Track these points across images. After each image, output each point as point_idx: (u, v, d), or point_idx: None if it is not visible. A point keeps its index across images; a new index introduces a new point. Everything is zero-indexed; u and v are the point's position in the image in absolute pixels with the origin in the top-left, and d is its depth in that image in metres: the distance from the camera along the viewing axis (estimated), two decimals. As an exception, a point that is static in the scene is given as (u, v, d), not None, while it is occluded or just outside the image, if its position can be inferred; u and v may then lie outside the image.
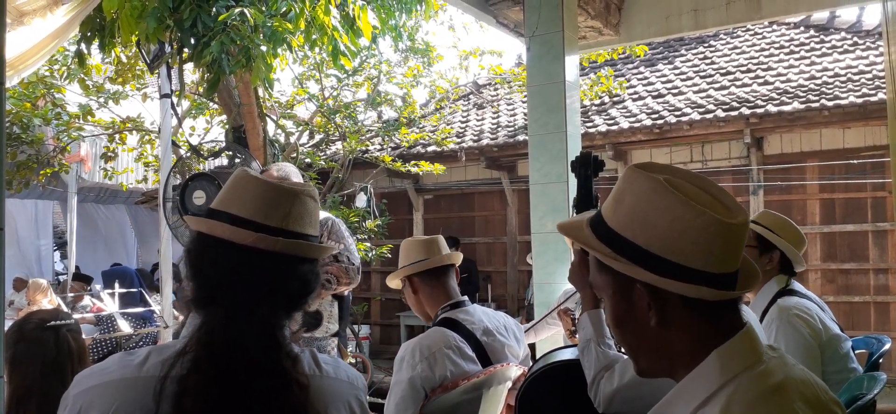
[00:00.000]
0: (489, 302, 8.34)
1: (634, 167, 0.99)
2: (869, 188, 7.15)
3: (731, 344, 0.93)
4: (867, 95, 6.66)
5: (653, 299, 0.95)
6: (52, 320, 1.98)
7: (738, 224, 0.94)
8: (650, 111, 8.08)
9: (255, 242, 1.12)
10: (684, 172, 0.99)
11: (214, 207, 1.18)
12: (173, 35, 4.06)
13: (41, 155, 7.62)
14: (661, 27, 5.14)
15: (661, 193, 0.94)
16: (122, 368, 1.08)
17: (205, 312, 1.11)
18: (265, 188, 1.17)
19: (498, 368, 2.17)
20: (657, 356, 0.99)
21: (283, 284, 1.14)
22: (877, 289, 7.18)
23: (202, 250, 1.15)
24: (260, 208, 1.14)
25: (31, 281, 6.83)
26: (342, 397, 1.20)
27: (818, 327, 2.30)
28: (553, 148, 4.48)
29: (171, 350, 1.09)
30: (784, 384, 0.91)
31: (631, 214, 0.97)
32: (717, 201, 0.95)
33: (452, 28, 13.14)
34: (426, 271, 2.27)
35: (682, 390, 0.95)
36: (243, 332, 1.08)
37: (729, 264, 0.95)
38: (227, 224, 1.13)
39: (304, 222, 1.18)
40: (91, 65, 6.24)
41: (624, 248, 0.96)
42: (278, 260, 1.14)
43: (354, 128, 8.80)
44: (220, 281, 1.12)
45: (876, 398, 2.00)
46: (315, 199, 1.22)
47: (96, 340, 5.97)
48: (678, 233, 0.92)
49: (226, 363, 1.06)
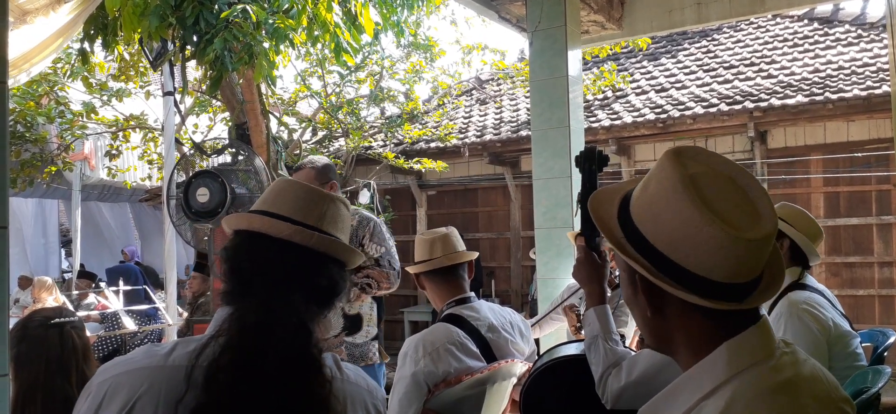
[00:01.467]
0: (493, 297, 8.35)
1: (670, 152, 0.96)
2: (873, 181, 7.12)
3: (743, 337, 0.91)
4: (871, 88, 6.63)
5: (647, 291, 0.95)
6: (55, 318, 1.99)
7: (758, 238, 0.89)
8: (653, 105, 8.06)
9: (291, 235, 1.17)
10: (727, 166, 0.95)
11: (255, 208, 1.25)
12: (176, 32, 4.07)
13: (45, 153, 7.64)
14: (663, 21, 5.12)
15: (679, 191, 0.91)
16: (149, 358, 1.10)
17: (237, 304, 1.14)
18: (305, 191, 1.25)
19: (502, 365, 2.17)
20: (660, 340, 1.00)
21: (314, 279, 1.18)
22: (881, 282, 7.16)
23: (239, 245, 1.20)
24: (298, 207, 1.21)
25: (36, 279, 6.86)
26: (361, 401, 1.22)
27: (828, 324, 2.28)
28: (556, 143, 4.47)
29: (199, 342, 1.11)
30: (792, 381, 0.89)
31: (648, 204, 0.95)
32: (748, 206, 0.92)
33: (454, 23, 13.15)
34: (432, 269, 2.27)
35: (688, 379, 0.94)
36: (276, 319, 1.11)
37: (740, 275, 0.91)
38: (265, 217, 1.19)
39: (337, 226, 1.25)
40: (94, 63, 6.26)
41: (633, 235, 0.96)
42: (311, 256, 1.18)
43: (357, 124, 8.80)
44: (254, 273, 1.16)
45: (880, 392, 1.99)
46: (348, 208, 1.30)
47: (101, 337, 5.99)
48: (685, 237, 0.90)
49: (259, 347, 1.08)
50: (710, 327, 0.93)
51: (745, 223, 0.90)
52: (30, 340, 1.93)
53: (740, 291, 0.92)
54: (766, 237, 0.91)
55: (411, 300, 9.57)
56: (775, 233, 0.94)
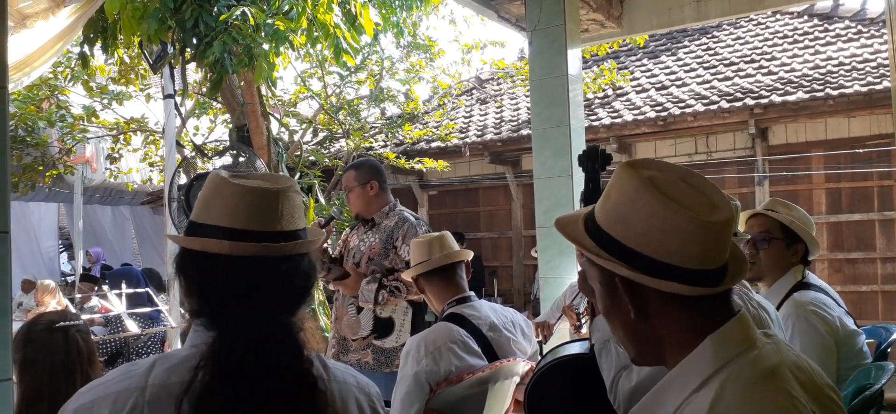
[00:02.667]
0: (495, 297, 8.35)
1: (624, 164, 1.03)
2: (875, 177, 7.12)
3: (724, 330, 0.96)
4: (872, 84, 6.63)
5: (630, 292, 0.99)
6: (60, 322, 1.99)
7: (719, 222, 0.96)
8: (654, 103, 8.06)
9: (259, 253, 1.09)
10: (676, 169, 1.02)
11: (201, 222, 1.12)
12: (175, 35, 4.07)
13: (46, 157, 7.65)
14: (663, 19, 5.11)
15: (641, 191, 0.97)
16: (128, 378, 1.05)
17: (217, 325, 1.08)
18: (253, 193, 1.11)
19: (503, 363, 2.17)
20: (645, 344, 1.02)
21: (290, 283, 1.13)
22: (884, 278, 7.16)
23: (201, 268, 1.10)
24: (254, 216, 1.10)
25: (39, 283, 6.86)
26: (353, 398, 1.19)
27: (835, 325, 2.26)
28: (556, 142, 4.47)
29: (178, 359, 1.06)
30: (778, 368, 0.93)
31: (614, 210, 1.01)
32: (703, 198, 0.98)
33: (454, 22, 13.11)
34: (429, 270, 2.28)
35: (677, 376, 0.97)
36: (264, 342, 1.06)
37: (711, 261, 0.96)
38: (224, 240, 1.08)
39: (295, 219, 1.16)
40: (94, 66, 6.26)
41: (606, 242, 1.00)
42: (281, 263, 1.11)
43: (358, 125, 8.81)
44: (227, 296, 1.08)
45: (884, 388, 1.99)
46: (298, 192, 1.19)
47: (104, 340, 6.00)
48: (654, 230, 0.96)
49: (252, 373, 1.04)
50: (691, 320, 0.97)
51: (705, 210, 0.96)
52: (35, 343, 1.93)
53: (712, 277, 0.96)
54: (726, 221, 0.97)
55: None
56: (732, 218, 0.99)
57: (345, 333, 3.02)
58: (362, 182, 3.09)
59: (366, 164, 3.19)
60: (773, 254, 2.39)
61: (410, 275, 2.33)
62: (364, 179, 3.09)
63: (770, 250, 2.38)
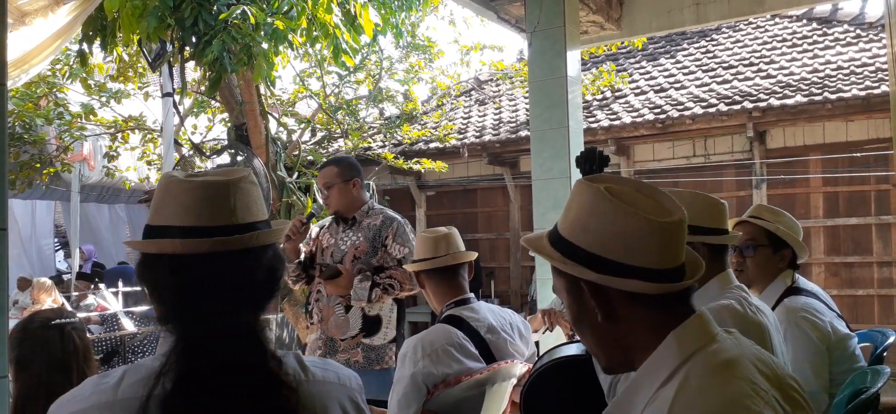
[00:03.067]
0: (492, 298, 8.35)
1: (580, 180, 1.12)
2: (872, 181, 7.13)
3: (686, 326, 1.02)
4: (870, 88, 6.64)
5: (596, 296, 1.05)
6: (55, 319, 1.99)
7: (673, 222, 1.03)
8: (652, 106, 8.06)
9: (213, 248, 1.05)
10: (629, 181, 1.11)
11: (155, 224, 1.10)
12: (174, 34, 4.07)
13: (44, 155, 7.63)
14: (662, 21, 5.12)
15: (598, 200, 1.05)
16: (98, 393, 1.03)
17: (179, 329, 1.06)
18: (202, 187, 1.09)
19: (501, 366, 2.17)
20: (614, 350, 1.08)
21: (254, 280, 1.10)
22: (880, 282, 7.17)
23: (157, 270, 1.08)
24: (205, 210, 1.07)
25: (35, 280, 6.85)
26: (333, 398, 1.14)
27: (827, 330, 2.27)
28: (555, 143, 4.47)
29: (147, 370, 1.04)
30: (738, 358, 0.98)
31: (576, 220, 1.08)
32: (656, 203, 1.06)
33: (453, 23, 13.11)
34: (431, 269, 2.27)
35: (645, 372, 1.02)
36: (225, 341, 1.04)
37: (668, 260, 1.03)
38: (177, 239, 1.06)
39: (251, 210, 1.11)
40: (93, 64, 6.25)
41: (570, 251, 1.07)
42: (240, 257, 1.08)
43: (356, 125, 8.80)
44: (186, 297, 1.06)
45: (880, 392, 1.99)
46: (253, 183, 1.16)
47: (100, 338, 5.99)
48: (614, 234, 1.03)
49: (212, 375, 1.01)
50: (655, 318, 1.03)
51: (659, 213, 1.04)
52: (30, 340, 1.92)
53: (672, 275, 1.03)
54: (679, 222, 1.04)
55: (411, 301, 9.56)
56: (685, 219, 1.06)
57: (333, 334, 3.00)
58: (345, 179, 3.01)
59: (346, 161, 3.11)
60: (759, 261, 2.39)
61: (414, 268, 2.31)
62: (347, 176, 3.02)
63: (756, 258, 2.38)
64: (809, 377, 2.20)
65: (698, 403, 0.93)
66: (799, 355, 2.21)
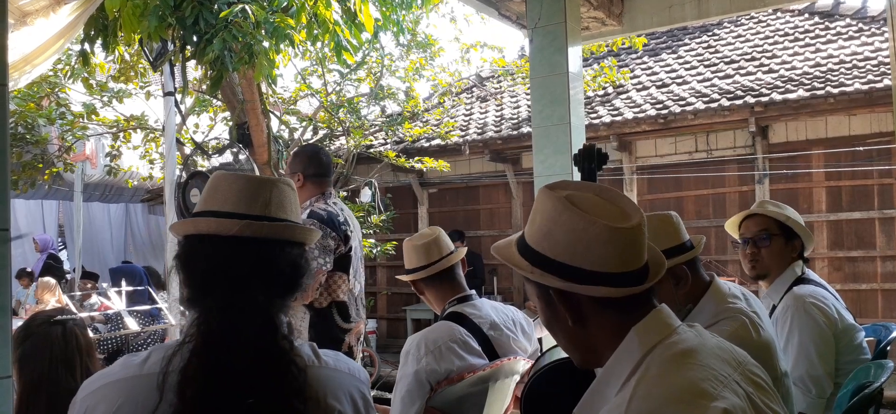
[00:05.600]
0: (495, 295, 8.35)
1: (543, 188, 1.15)
2: (875, 175, 7.11)
3: (646, 321, 1.06)
4: (873, 82, 6.62)
5: (565, 302, 1.09)
6: (57, 316, 2.01)
7: (632, 226, 1.07)
8: (654, 101, 8.05)
9: (241, 230, 1.15)
10: (590, 186, 1.16)
11: (197, 210, 1.23)
12: (175, 33, 4.07)
13: (46, 155, 7.65)
14: (664, 16, 5.10)
15: (560, 209, 1.09)
16: (125, 369, 1.12)
17: (200, 307, 1.14)
18: (243, 180, 1.22)
19: (504, 362, 2.17)
20: (585, 350, 1.12)
21: (275, 268, 1.18)
22: (884, 276, 7.15)
23: (190, 249, 1.19)
24: (241, 199, 1.19)
25: (39, 280, 6.87)
26: (343, 387, 1.21)
27: (834, 316, 2.29)
28: (557, 140, 4.46)
29: (171, 347, 1.12)
30: (697, 347, 1.03)
31: (540, 230, 1.11)
32: (615, 208, 1.10)
33: (454, 20, 13.11)
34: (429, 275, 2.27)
35: (611, 368, 1.06)
36: (239, 318, 1.11)
37: (630, 263, 1.07)
38: (211, 219, 1.18)
39: (285, 209, 1.22)
40: (94, 63, 6.26)
41: (537, 260, 1.10)
42: (266, 245, 1.17)
43: (358, 123, 8.80)
44: (211, 274, 1.15)
45: (883, 386, 1.99)
46: (292, 188, 1.27)
47: (104, 337, 6.00)
48: (577, 242, 1.07)
49: (224, 350, 1.09)
50: (619, 319, 1.07)
51: (618, 218, 1.08)
52: (34, 337, 1.94)
53: (634, 278, 1.07)
54: (637, 226, 1.08)
55: (414, 298, 9.57)
56: (643, 222, 1.10)
57: None
58: (291, 172, 2.82)
59: (295, 153, 2.92)
60: (775, 250, 2.42)
61: (411, 278, 2.31)
62: (292, 169, 2.83)
63: (772, 247, 2.41)
64: (815, 361, 2.21)
65: (656, 390, 0.96)
66: (805, 340, 2.22)
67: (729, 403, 0.93)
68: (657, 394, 0.95)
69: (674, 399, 0.93)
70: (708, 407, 0.92)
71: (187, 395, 1.05)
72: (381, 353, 8.66)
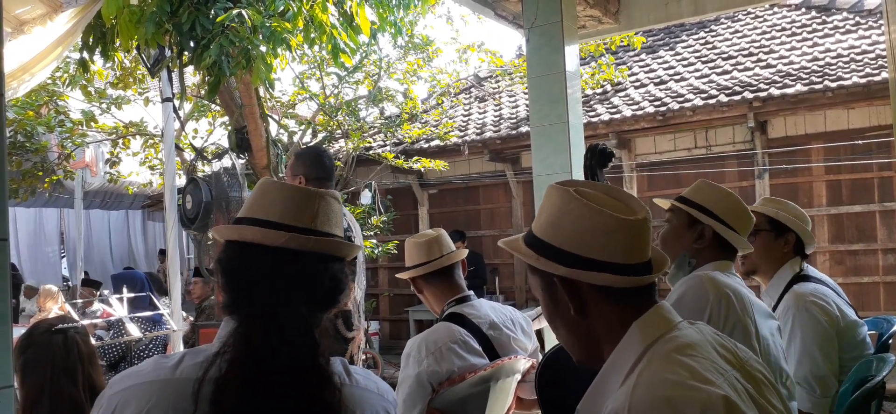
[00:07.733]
0: (497, 294, 8.35)
1: (552, 185, 1.19)
2: (875, 168, 7.11)
3: (647, 316, 1.09)
4: (870, 75, 6.62)
5: (568, 290, 1.11)
6: (59, 324, 2.01)
7: (638, 220, 1.11)
8: (652, 98, 8.05)
9: (287, 243, 1.14)
10: (597, 185, 1.19)
11: (242, 216, 1.21)
12: (172, 39, 4.07)
13: (46, 163, 7.66)
14: (660, 13, 5.10)
15: (568, 200, 1.13)
16: (157, 370, 1.09)
17: (240, 315, 1.12)
18: (291, 190, 1.21)
19: (505, 361, 2.17)
20: (586, 343, 1.15)
21: (317, 282, 1.17)
22: (885, 269, 7.15)
23: (234, 256, 1.17)
24: (289, 210, 1.17)
25: (41, 288, 6.87)
26: (373, 408, 1.20)
27: (835, 314, 2.27)
28: (555, 139, 4.46)
29: (207, 353, 1.10)
30: (698, 342, 1.05)
31: (548, 220, 1.15)
32: (621, 203, 1.14)
33: (451, 21, 13.11)
34: (429, 272, 2.27)
35: (613, 363, 1.09)
36: (281, 331, 1.09)
37: (634, 255, 1.11)
38: (257, 228, 1.16)
39: (331, 223, 1.22)
40: (93, 71, 6.27)
41: (542, 249, 1.14)
42: (311, 259, 1.16)
43: (357, 125, 8.80)
44: (254, 284, 1.13)
45: (885, 380, 1.99)
46: (339, 202, 1.26)
47: (106, 344, 6.00)
48: (582, 231, 1.10)
49: (265, 362, 1.07)
50: (621, 311, 1.10)
51: (624, 211, 1.11)
52: (35, 346, 1.94)
53: (638, 270, 1.10)
54: (643, 220, 1.12)
55: (416, 300, 9.57)
56: (648, 218, 1.13)
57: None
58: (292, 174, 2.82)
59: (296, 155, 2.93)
60: (761, 244, 2.41)
61: (410, 275, 2.32)
62: (292, 174, 2.83)
63: (758, 242, 2.40)
64: (819, 361, 2.20)
65: (658, 377, 0.98)
66: (807, 339, 2.22)
67: (729, 393, 0.96)
68: (660, 381, 0.98)
69: (677, 384, 0.96)
70: (711, 391, 0.94)
71: (223, 406, 1.03)
72: (384, 354, 8.66)
